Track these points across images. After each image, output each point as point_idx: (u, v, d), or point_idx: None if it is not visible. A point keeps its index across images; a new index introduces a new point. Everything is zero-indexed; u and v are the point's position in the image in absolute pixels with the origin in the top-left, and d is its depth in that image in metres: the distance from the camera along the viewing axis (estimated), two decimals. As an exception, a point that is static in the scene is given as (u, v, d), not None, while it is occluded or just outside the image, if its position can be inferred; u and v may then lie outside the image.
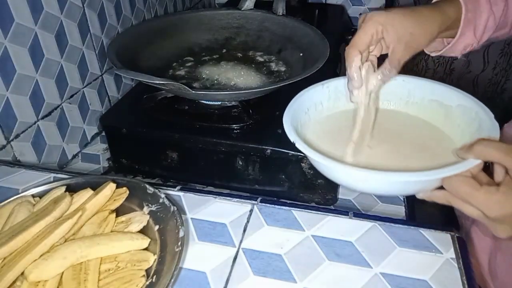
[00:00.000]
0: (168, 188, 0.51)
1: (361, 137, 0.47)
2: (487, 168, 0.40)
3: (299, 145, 0.41)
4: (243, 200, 0.49)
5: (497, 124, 0.42)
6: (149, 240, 0.40)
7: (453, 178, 0.37)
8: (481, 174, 0.39)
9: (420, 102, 0.52)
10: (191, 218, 0.47)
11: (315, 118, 0.52)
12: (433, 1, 0.52)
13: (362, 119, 0.48)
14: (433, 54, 0.57)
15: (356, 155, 0.46)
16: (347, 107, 0.53)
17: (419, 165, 0.44)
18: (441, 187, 0.39)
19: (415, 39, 0.47)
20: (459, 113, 0.47)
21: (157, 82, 0.55)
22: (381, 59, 0.50)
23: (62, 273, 0.36)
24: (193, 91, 0.56)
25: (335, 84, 0.52)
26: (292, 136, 0.43)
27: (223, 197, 0.50)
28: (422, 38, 0.48)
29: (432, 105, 0.51)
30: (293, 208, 0.48)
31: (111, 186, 0.43)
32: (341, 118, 0.53)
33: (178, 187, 0.51)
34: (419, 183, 0.39)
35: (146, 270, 0.37)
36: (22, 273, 0.35)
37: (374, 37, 0.46)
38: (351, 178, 0.41)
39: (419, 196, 0.42)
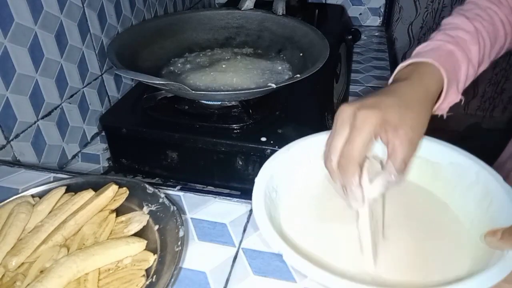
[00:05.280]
0: (168, 188, 0.51)
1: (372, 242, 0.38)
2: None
3: (291, 257, 0.32)
4: (243, 200, 0.49)
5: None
6: (145, 242, 0.39)
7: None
8: None
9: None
10: (191, 218, 0.47)
11: (291, 197, 0.43)
12: (401, 76, 0.43)
13: (369, 226, 0.38)
14: None
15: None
16: (324, 171, 0.40)
17: (443, 259, 0.37)
18: None
19: (417, 132, 0.38)
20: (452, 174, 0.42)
21: (157, 82, 0.55)
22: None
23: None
24: (193, 91, 0.56)
25: (299, 147, 0.43)
26: (278, 244, 0.33)
27: (223, 197, 0.50)
28: (421, 128, 0.39)
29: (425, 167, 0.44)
30: (293, 208, 0.48)
31: (114, 188, 0.43)
32: (319, 188, 0.43)
33: (178, 187, 0.51)
34: None
35: (146, 270, 0.37)
36: None
37: (371, 141, 0.36)
38: None
39: None
